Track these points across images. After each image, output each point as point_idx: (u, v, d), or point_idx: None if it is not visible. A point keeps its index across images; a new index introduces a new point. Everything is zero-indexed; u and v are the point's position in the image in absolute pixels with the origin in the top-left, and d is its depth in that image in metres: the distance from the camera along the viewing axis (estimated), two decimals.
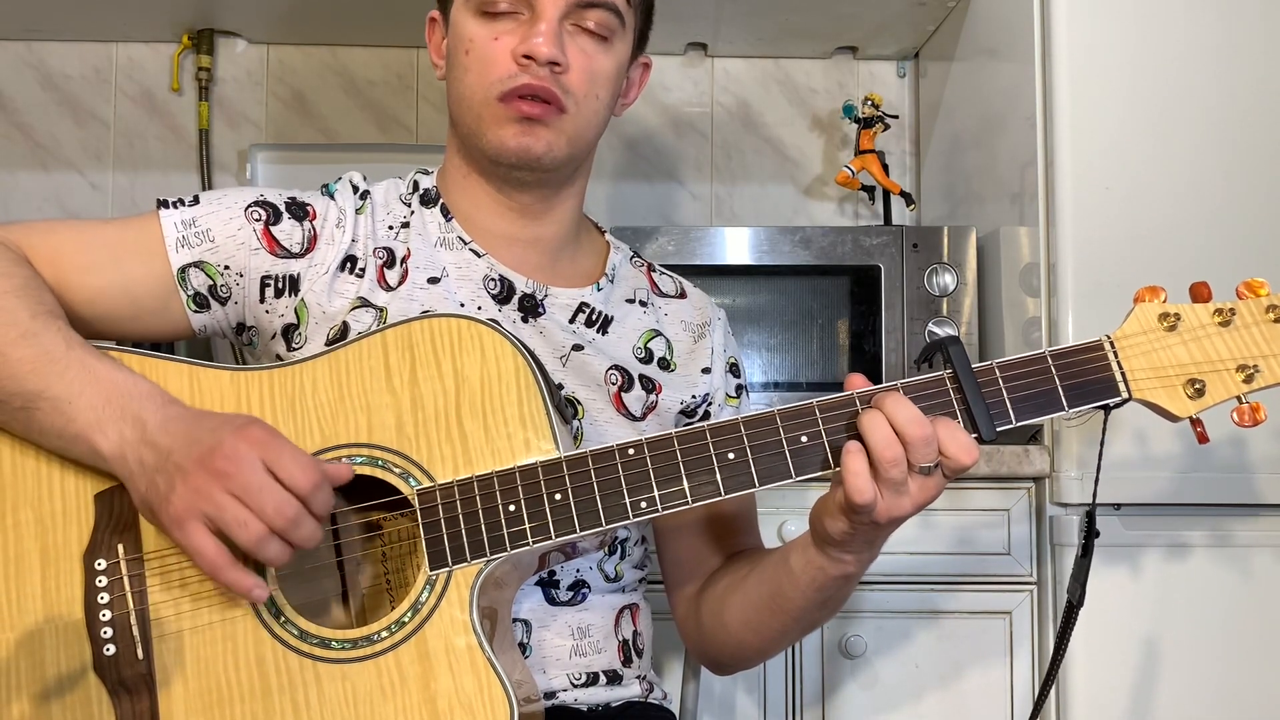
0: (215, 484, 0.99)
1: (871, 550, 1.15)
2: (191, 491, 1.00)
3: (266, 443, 1.01)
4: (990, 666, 1.78)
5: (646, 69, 1.39)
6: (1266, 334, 1.08)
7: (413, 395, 1.10)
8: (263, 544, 0.99)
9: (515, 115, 1.23)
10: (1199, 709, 1.70)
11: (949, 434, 1.04)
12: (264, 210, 1.25)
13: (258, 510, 0.99)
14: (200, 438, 1.02)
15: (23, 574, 1.07)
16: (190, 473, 1.00)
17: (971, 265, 1.98)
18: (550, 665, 1.24)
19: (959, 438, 1.04)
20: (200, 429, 1.03)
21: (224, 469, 0.99)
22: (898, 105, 2.48)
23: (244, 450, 1.00)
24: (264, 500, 0.99)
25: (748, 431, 1.08)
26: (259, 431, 1.02)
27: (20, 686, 1.05)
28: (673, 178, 2.49)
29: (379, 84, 2.47)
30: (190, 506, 1.00)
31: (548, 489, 1.07)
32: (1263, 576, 1.72)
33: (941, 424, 1.04)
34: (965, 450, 1.04)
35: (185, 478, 1.00)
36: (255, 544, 0.99)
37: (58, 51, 2.43)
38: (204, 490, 0.99)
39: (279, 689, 1.04)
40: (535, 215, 1.31)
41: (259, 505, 0.99)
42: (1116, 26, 1.77)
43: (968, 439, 1.05)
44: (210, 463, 1.00)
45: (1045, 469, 1.74)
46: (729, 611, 1.28)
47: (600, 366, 1.30)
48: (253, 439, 1.01)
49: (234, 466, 0.99)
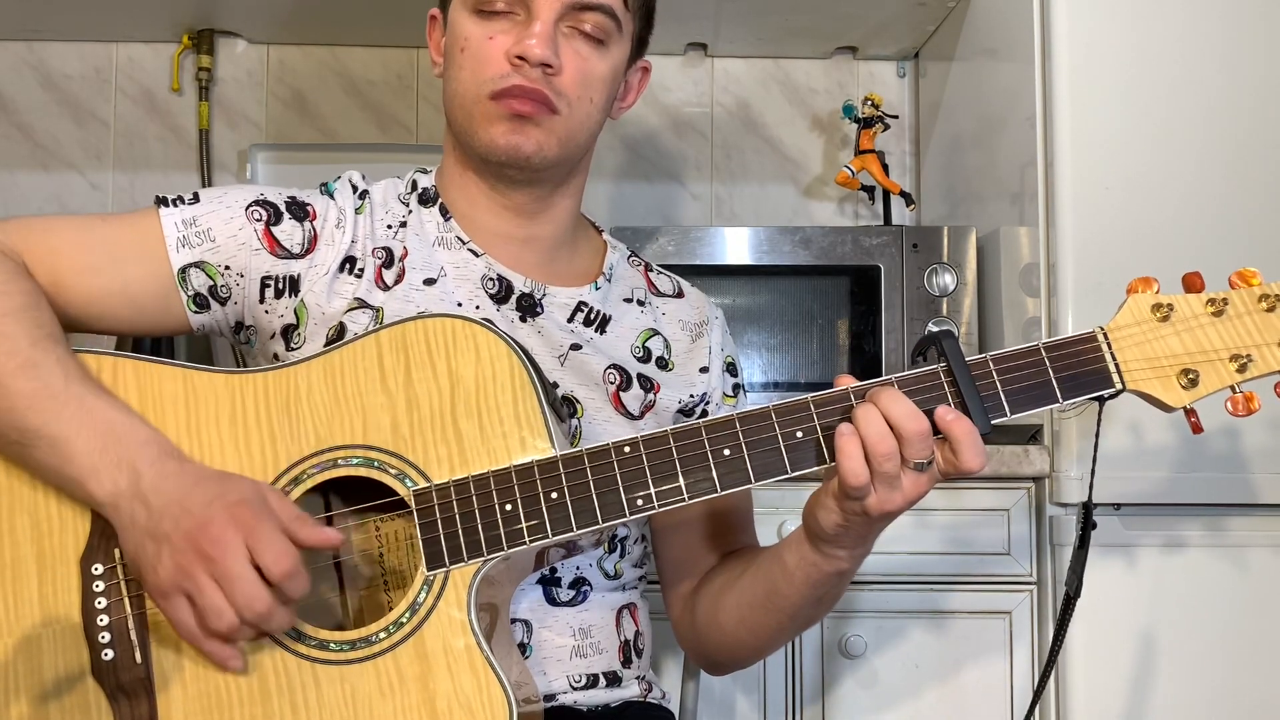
0: (199, 565, 1.00)
1: (864, 546, 1.15)
2: (176, 568, 1.00)
3: (252, 528, 1.01)
4: (990, 666, 1.78)
5: (646, 73, 1.38)
6: (1259, 323, 1.08)
7: (408, 396, 1.10)
8: (233, 633, 1.01)
9: (506, 113, 1.22)
10: (1197, 706, 1.70)
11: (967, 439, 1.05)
12: (265, 210, 1.25)
13: (231, 601, 1.00)
14: (192, 509, 1.02)
15: (20, 579, 1.07)
16: (177, 548, 1.00)
17: (971, 265, 1.98)
18: (551, 666, 1.24)
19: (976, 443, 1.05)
20: (193, 498, 1.03)
21: (209, 553, 1.00)
22: (898, 105, 2.48)
23: (230, 536, 1.00)
24: (237, 591, 0.99)
25: (743, 428, 1.08)
26: (248, 513, 1.01)
27: (19, 691, 1.05)
28: (673, 178, 2.49)
29: (379, 84, 2.47)
30: (175, 583, 1.01)
31: (544, 488, 1.07)
32: (1260, 574, 1.72)
33: (959, 425, 1.05)
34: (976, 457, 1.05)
35: (173, 552, 1.01)
36: (226, 633, 1.01)
37: (58, 51, 2.43)
38: (188, 570, 1.00)
39: (277, 691, 1.04)
40: (531, 214, 1.31)
41: (232, 595, 0.99)
42: (1116, 26, 1.76)
43: (980, 445, 1.05)
44: (197, 542, 1.00)
45: (1045, 469, 1.74)
46: (724, 610, 1.28)
47: (598, 366, 1.30)
48: (240, 521, 1.01)
49: (218, 552, 1.00)
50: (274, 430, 1.10)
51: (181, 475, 1.05)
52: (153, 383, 1.11)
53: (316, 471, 1.09)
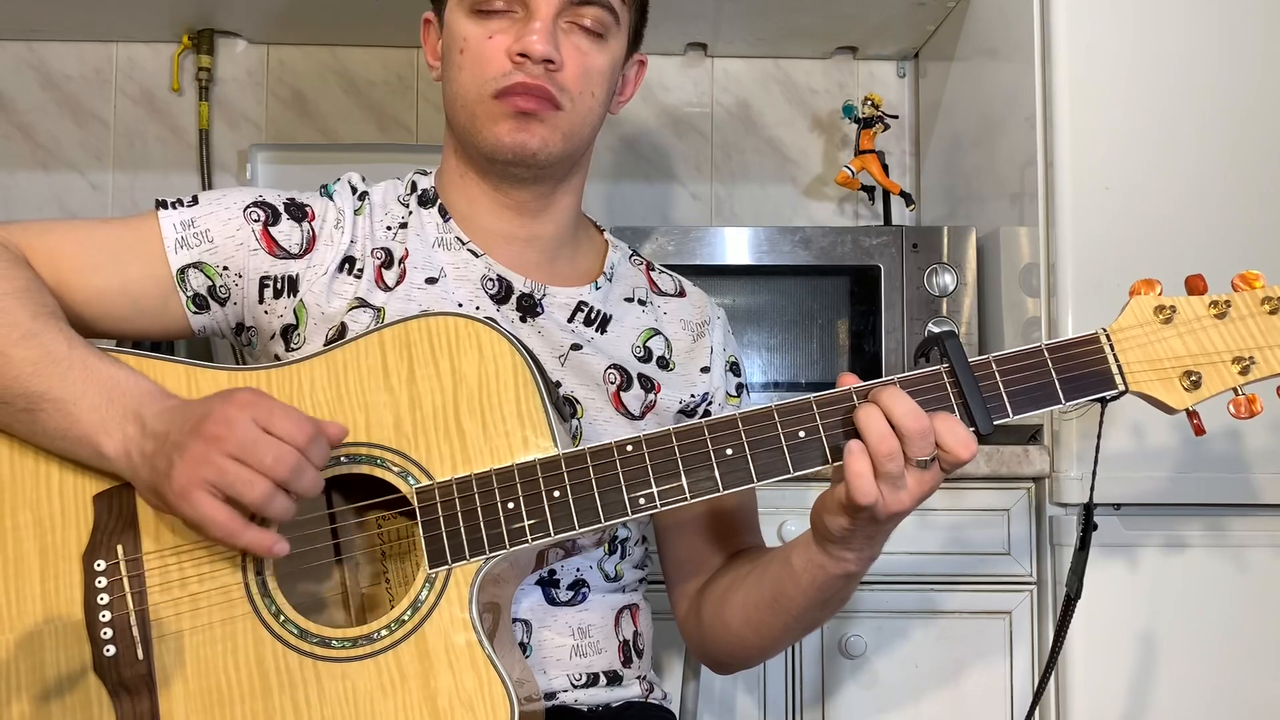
0: (213, 449, 0.99)
1: (873, 548, 1.15)
2: (191, 462, 1.00)
3: (255, 403, 1.01)
4: (990, 666, 1.78)
5: (642, 67, 1.39)
6: (1262, 325, 1.08)
7: (411, 394, 1.10)
8: (270, 499, 1.00)
9: (510, 111, 1.23)
10: (1197, 706, 1.70)
11: (947, 428, 1.04)
12: (263, 211, 1.25)
13: (258, 465, 0.99)
14: (191, 413, 1.03)
15: (22, 575, 1.07)
16: (186, 446, 1.00)
17: (971, 265, 1.98)
18: (550, 666, 1.24)
19: (957, 432, 1.04)
20: (190, 407, 1.04)
21: (217, 433, 0.99)
22: (898, 105, 2.48)
23: (234, 413, 1.00)
24: (262, 454, 0.99)
25: (745, 427, 1.08)
26: (246, 394, 1.02)
27: (20, 687, 1.05)
28: (673, 178, 2.49)
29: (379, 84, 2.47)
30: (193, 476, 1.00)
31: (546, 486, 1.07)
32: (1259, 574, 1.72)
33: (940, 418, 1.04)
34: (963, 444, 1.04)
35: (182, 451, 1.00)
36: (263, 500, 0.99)
37: (58, 51, 2.43)
38: (203, 457, 0.99)
39: (279, 688, 1.04)
40: (533, 213, 1.31)
41: (258, 460, 0.99)
42: (1116, 26, 1.77)
43: (966, 433, 1.05)
44: (203, 430, 1.00)
45: (1045, 469, 1.74)
46: (730, 610, 1.28)
47: (599, 365, 1.30)
48: (241, 402, 1.01)
49: (226, 429, 0.99)
50: None
51: (180, 403, 1.06)
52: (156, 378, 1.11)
53: None
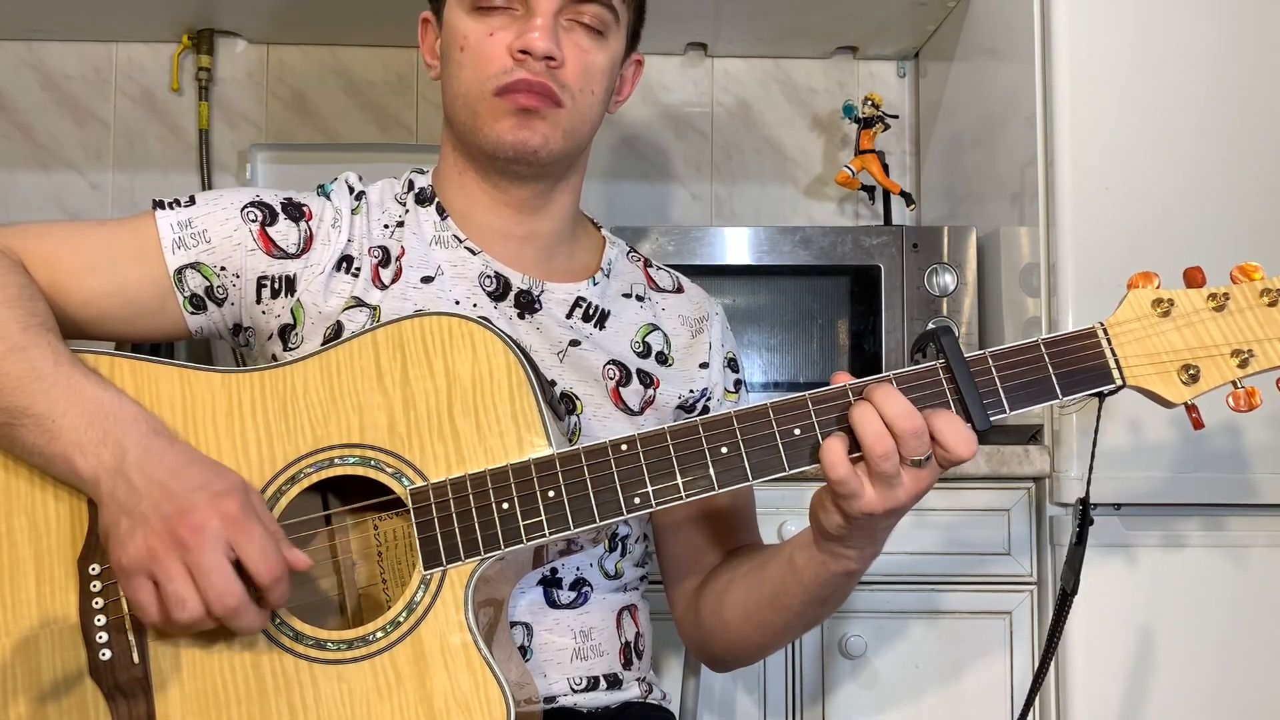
0: (172, 551, 0.98)
1: (873, 546, 1.14)
2: (147, 550, 0.98)
3: (237, 523, 0.99)
4: (990, 666, 1.78)
5: (639, 67, 1.39)
6: (1261, 318, 1.07)
7: (404, 394, 1.10)
8: (194, 624, 0.99)
9: (512, 108, 1.23)
10: (1197, 705, 1.70)
11: (948, 427, 1.03)
12: (260, 211, 1.25)
13: (202, 590, 0.98)
14: (174, 493, 1.00)
15: (17, 579, 1.07)
16: (153, 530, 0.99)
17: (971, 265, 1.98)
18: (551, 669, 1.24)
19: (958, 430, 1.03)
20: (178, 483, 1.01)
21: (185, 540, 0.98)
22: (898, 105, 2.48)
23: (212, 526, 0.98)
24: (209, 583, 0.97)
25: (740, 425, 1.08)
26: (234, 507, 1.00)
27: (16, 691, 1.05)
28: (673, 178, 2.49)
29: (379, 84, 2.47)
30: (141, 564, 0.99)
31: (541, 486, 1.07)
32: (1259, 573, 1.72)
33: (940, 417, 1.03)
34: (964, 443, 1.03)
35: (146, 534, 0.99)
36: (187, 623, 0.99)
37: (58, 51, 2.43)
38: (158, 554, 0.98)
39: (275, 691, 1.04)
40: (532, 210, 1.31)
41: (205, 586, 0.98)
42: (1116, 26, 1.76)
43: (967, 431, 1.03)
44: (174, 528, 0.98)
45: (1045, 469, 1.73)
46: (729, 607, 1.27)
47: (598, 361, 1.30)
48: (225, 515, 0.99)
49: (195, 540, 0.98)
50: (270, 429, 1.10)
51: (167, 455, 1.04)
52: (149, 382, 1.11)
53: (313, 471, 1.09)
